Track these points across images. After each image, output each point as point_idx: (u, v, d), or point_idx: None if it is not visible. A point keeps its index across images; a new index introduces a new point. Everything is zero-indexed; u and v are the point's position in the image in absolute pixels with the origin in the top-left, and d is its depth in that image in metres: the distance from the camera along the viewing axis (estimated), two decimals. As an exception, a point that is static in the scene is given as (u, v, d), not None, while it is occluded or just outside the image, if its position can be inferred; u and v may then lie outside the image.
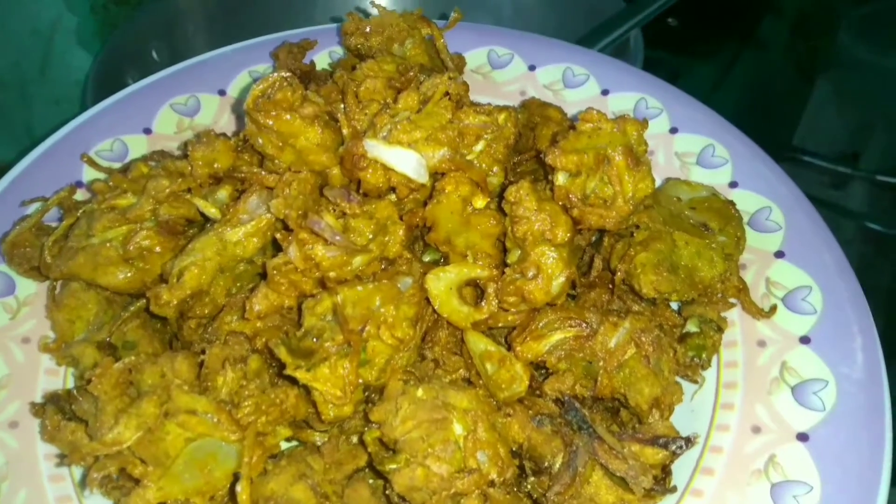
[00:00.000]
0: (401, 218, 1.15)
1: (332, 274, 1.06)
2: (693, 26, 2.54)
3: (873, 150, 2.22)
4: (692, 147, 1.38)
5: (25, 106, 2.29)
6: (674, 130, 1.41)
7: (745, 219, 1.24)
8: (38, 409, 1.11)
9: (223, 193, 1.17)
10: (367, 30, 1.42)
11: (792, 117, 2.27)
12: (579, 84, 1.52)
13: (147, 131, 1.48)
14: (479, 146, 1.18)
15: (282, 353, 0.99)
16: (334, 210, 1.10)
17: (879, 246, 1.98)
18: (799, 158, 2.10)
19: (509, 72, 1.57)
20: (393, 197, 1.17)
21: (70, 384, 1.18)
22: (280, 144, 1.14)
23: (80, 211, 1.20)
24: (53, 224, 1.27)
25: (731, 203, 1.23)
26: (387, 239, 1.11)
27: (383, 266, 1.12)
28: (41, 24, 2.19)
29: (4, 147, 2.31)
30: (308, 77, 1.48)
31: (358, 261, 1.07)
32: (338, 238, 1.05)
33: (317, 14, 2.16)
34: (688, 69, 2.41)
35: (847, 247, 1.23)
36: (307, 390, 1.03)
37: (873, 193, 2.11)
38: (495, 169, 1.20)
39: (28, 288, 1.25)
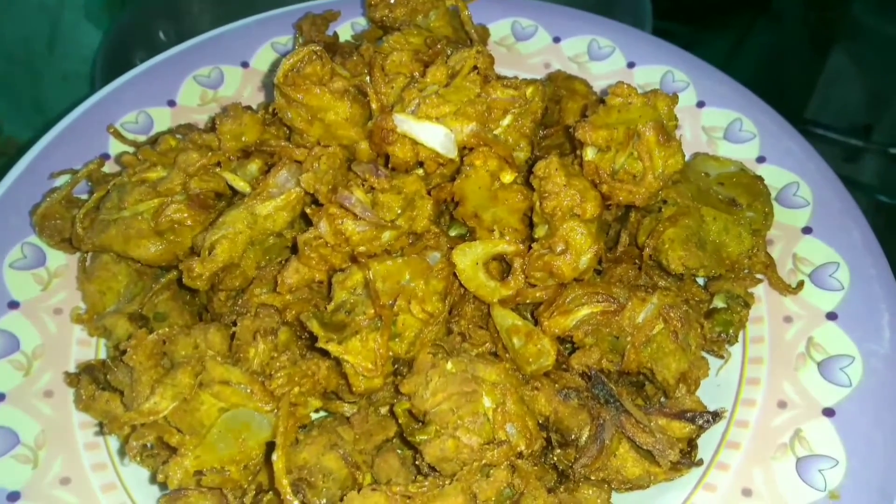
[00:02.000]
0: (428, 193, 1.15)
1: (361, 248, 1.07)
2: None
3: (886, 123, 2.20)
4: (719, 121, 1.37)
5: (34, 82, 2.28)
6: (701, 104, 1.40)
7: (773, 194, 1.24)
8: (72, 379, 1.13)
9: (253, 167, 1.18)
10: (392, 1, 1.41)
11: (805, 89, 2.24)
12: (605, 56, 1.51)
13: (171, 104, 1.48)
14: (507, 120, 1.18)
15: (314, 326, 1.01)
16: (363, 184, 1.11)
17: (891, 218, 1.96)
18: (811, 131, 2.07)
19: (534, 44, 1.56)
20: (420, 171, 1.18)
21: (102, 355, 1.20)
22: (309, 118, 1.14)
23: (111, 184, 1.21)
24: (83, 196, 1.28)
25: (760, 178, 1.22)
26: (414, 213, 1.12)
27: (411, 241, 1.13)
28: (48, 1, 2.17)
29: (14, 123, 2.31)
30: (331, 49, 1.47)
31: (387, 235, 1.08)
32: (368, 214, 1.05)
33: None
34: (700, 40, 2.35)
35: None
36: (338, 362, 1.04)
37: (886, 166, 2.10)
38: (522, 143, 1.20)
39: (58, 259, 1.26)
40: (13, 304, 1.20)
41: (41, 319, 1.20)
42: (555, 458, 1.06)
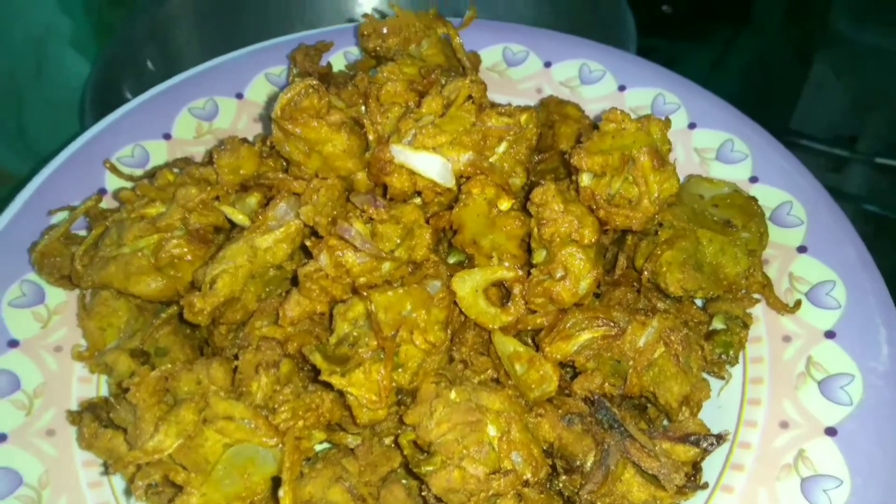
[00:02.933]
0: (427, 221, 1.16)
1: (362, 280, 1.08)
2: (687, 12, 2.54)
3: (871, 133, 2.23)
4: (711, 142, 1.39)
5: (20, 110, 2.26)
6: (692, 126, 1.42)
7: (767, 214, 1.25)
8: (74, 417, 1.13)
9: (252, 200, 1.18)
10: (385, 31, 1.43)
11: (789, 101, 2.27)
12: (596, 80, 1.53)
13: (167, 136, 1.49)
14: (502, 148, 1.19)
15: (317, 359, 1.01)
16: (361, 215, 1.12)
17: (878, 228, 1.99)
18: (796, 142, 2.10)
19: (525, 69, 1.57)
20: (418, 200, 1.19)
21: (104, 391, 1.20)
22: (307, 151, 1.15)
23: (110, 220, 1.21)
24: (81, 233, 1.28)
25: (754, 199, 1.24)
26: (413, 242, 1.12)
27: (410, 270, 1.14)
28: (35, 29, 2.15)
29: (3, 152, 2.30)
30: (325, 79, 1.49)
31: (387, 266, 1.09)
32: (367, 246, 1.06)
33: (313, 18, 2.15)
34: (683, 55, 2.39)
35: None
36: (341, 394, 1.04)
37: (871, 176, 2.12)
38: (517, 170, 1.21)
39: (58, 297, 1.26)
40: (13, 343, 1.20)
41: (41, 357, 1.20)
42: (560, 485, 1.06)
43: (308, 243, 1.09)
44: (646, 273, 1.14)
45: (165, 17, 2.06)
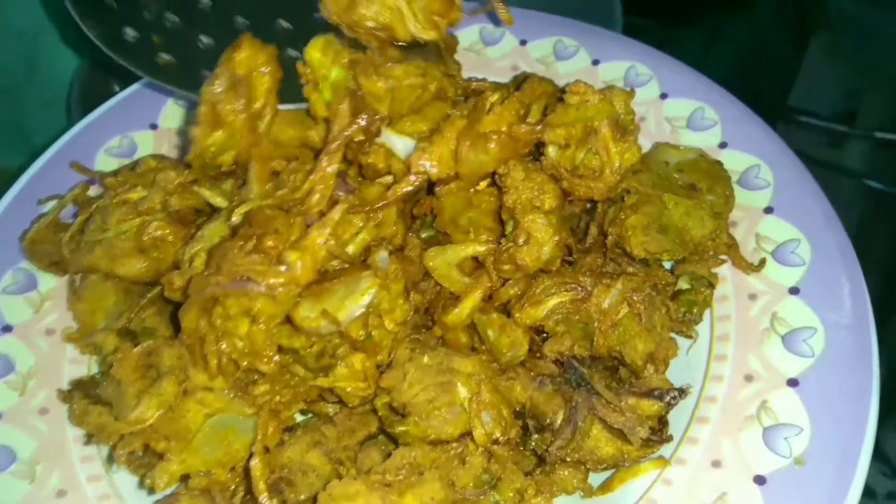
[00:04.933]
0: (412, 211, 1.20)
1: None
2: None
3: (870, 108, 2.20)
4: (682, 111, 1.41)
5: (15, 107, 2.28)
6: (664, 96, 1.44)
7: (735, 178, 1.27)
8: (65, 395, 1.17)
9: (228, 184, 1.22)
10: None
11: (786, 79, 2.23)
12: (570, 56, 1.55)
13: (153, 126, 1.53)
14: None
15: (298, 371, 1.04)
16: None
17: (880, 203, 1.98)
18: (795, 119, 2.09)
19: (501, 48, 1.60)
20: (388, 179, 1.21)
21: (94, 371, 1.24)
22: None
23: (94, 206, 1.25)
24: (69, 221, 1.33)
25: (718, 163, 1.26)
26: (380, 219, 1.15)
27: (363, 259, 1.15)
28: (26, 25, 2.18)
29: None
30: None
31: (350, 250, 1.11)
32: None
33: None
34: (675, 36, 2.32)
35: (847, 205, 1.25)
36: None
37: (872, 151, 2.10)
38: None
39: (49, 282, 1.31)
40: (7, 328, 1.25)
41: (34, 341, 1.25)
42: (533, 444, 1.09)
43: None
44: (611, 237, 1.16)
45: None
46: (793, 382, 1.06)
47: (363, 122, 1.11)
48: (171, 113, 1.55)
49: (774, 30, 2.42)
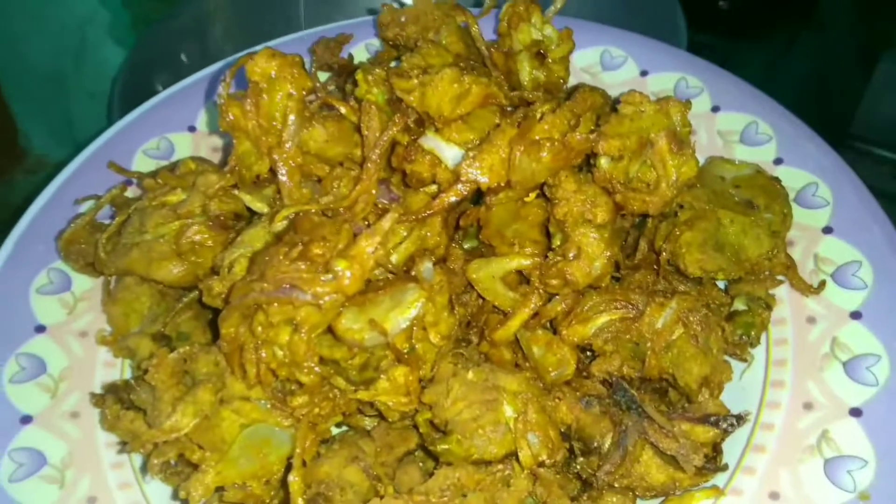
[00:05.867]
0: (457, 221, 1.17)
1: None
2: (746, 8, 2.43)
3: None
4: (735, 125, 1.37)
5: (63, 100, 2.29)
6: (716, 109, 1.40)
7: (792, 195, 1.22)
8: (97, 400, 1.15)
9: (269, 190, 1.19)
10: (403, 20, 1.43)
11: (851, 104, 2.15)
12: (617, 66, 1.52)
13: (191, 129, 1.51)
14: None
15: (339, 383, 1.01)
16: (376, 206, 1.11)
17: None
18: (857, 146, 2.00)
19: (547, 57, 1.56)
20: (433, 188, 1.18)
21: (127, 375, 1.22)
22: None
23: (132, 208, 1.23)
24: (106, 221, 1.31)
25: (777, 179, 1.21)
26: (424, 231, 1.12)
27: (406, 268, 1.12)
28: (75, 19, 2.19)
29: (44, 141, 2.33)
30: (345, 70, 1.50)
31: (394, 259, 1.08)
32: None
33: (346, 10, 2.16)
34: (738, 55, 2.27)
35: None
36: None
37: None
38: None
39: (84, 284, 1.29)
40: (40, 329, 1.23)
41: (67, 342, 1.22)
42: (578, 467, 1.05)
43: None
44: (664, 254, 1.12)
45: (202, 12, 2.08)
46: (856, 412, 1.01)
47: (397, 121, 1.08)
48: (209, 116, 1.53)
49: (842, 51, 2.33)
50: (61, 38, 2.20)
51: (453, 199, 1.10)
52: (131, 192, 1.35)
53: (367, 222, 1.07)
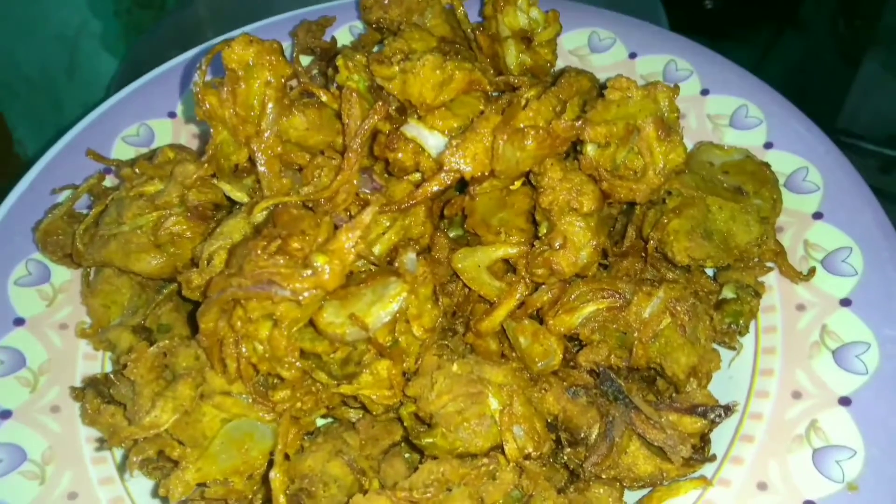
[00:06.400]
0: (442, 210, 1.15)
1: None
2: (730, 8, 2.43)
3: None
4: (724, 108, 1.35)
5: (56, 109, 2.29)
6: (705, 92, 1.38)
7: (782, 180, 1.21)
8: (77, 394, 1.13)
9: (249, 180, 1.17)
10: (387, 2, 1.40)
11: (835, 100, 2.14)
12: (606, 48, 1.49)
13: (171, 115, 1.48)
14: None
15: (321, 377, 0.99)
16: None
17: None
18: (844, 141, 1.98)
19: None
20: (417, 176, 1.16)
21: (108, 368, 1.20)
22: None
23: (109, 198, 1.21)
24: (84, 211, 1.28)
25: (766, 165, 1.20)
26: (407, 221, 1.10)
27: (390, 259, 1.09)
28: (66, 29, 2.19)
29: (39, 149, 2.31)
30: (329, 54, 1.47)
31: (377, 250, 1.06)
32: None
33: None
34: (723, 53, 2.29)
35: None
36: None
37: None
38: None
39: (63, 275, 1.27)
40: (19, 321, 1.21)
41: (47, 335, 1.20)
42: (565, 458, 1.04)
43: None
44: (652, 242, 1.10)
45: (193, 20, 2.06)
46: (845, 401, 1.00)
47: (378, 109, 1.05)
48: (190, 101, 1.50)
49: (825, 49, 2.32)
50: (54, 48, 2.19)
51: (436, 188, 1.07)
52: (110, 180, 1.33)
53: (348, 213, 1.05)
